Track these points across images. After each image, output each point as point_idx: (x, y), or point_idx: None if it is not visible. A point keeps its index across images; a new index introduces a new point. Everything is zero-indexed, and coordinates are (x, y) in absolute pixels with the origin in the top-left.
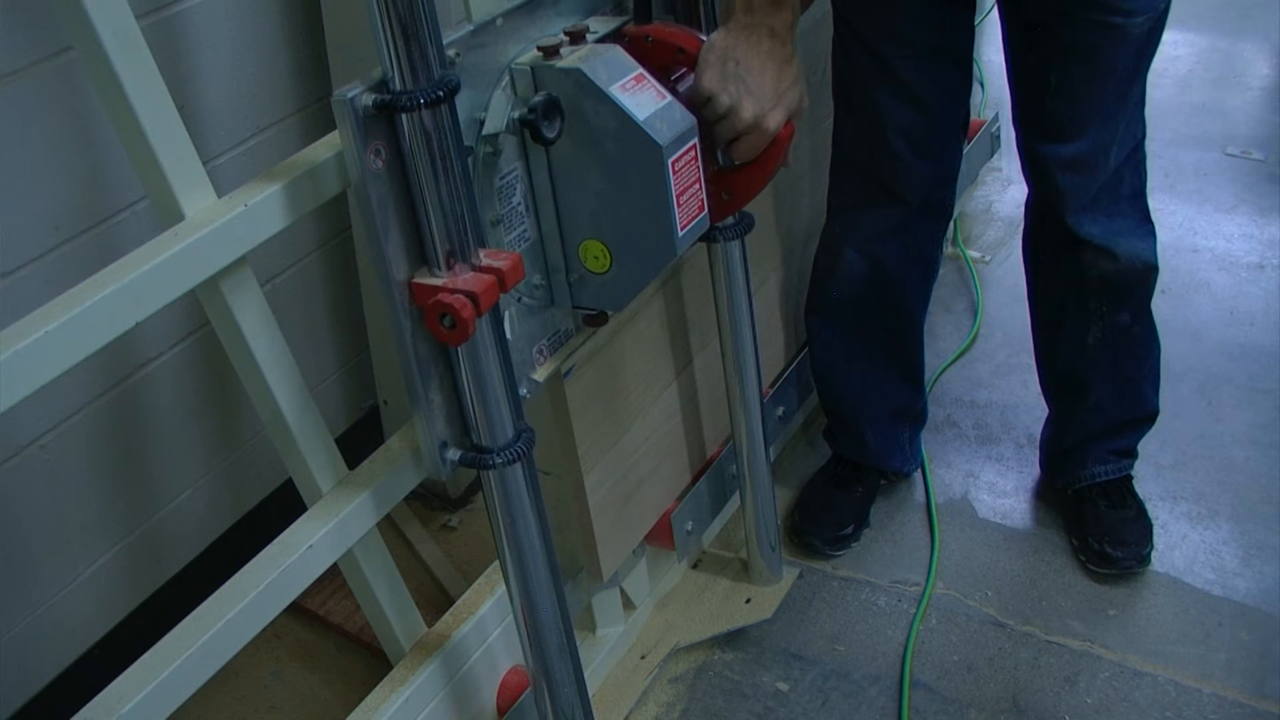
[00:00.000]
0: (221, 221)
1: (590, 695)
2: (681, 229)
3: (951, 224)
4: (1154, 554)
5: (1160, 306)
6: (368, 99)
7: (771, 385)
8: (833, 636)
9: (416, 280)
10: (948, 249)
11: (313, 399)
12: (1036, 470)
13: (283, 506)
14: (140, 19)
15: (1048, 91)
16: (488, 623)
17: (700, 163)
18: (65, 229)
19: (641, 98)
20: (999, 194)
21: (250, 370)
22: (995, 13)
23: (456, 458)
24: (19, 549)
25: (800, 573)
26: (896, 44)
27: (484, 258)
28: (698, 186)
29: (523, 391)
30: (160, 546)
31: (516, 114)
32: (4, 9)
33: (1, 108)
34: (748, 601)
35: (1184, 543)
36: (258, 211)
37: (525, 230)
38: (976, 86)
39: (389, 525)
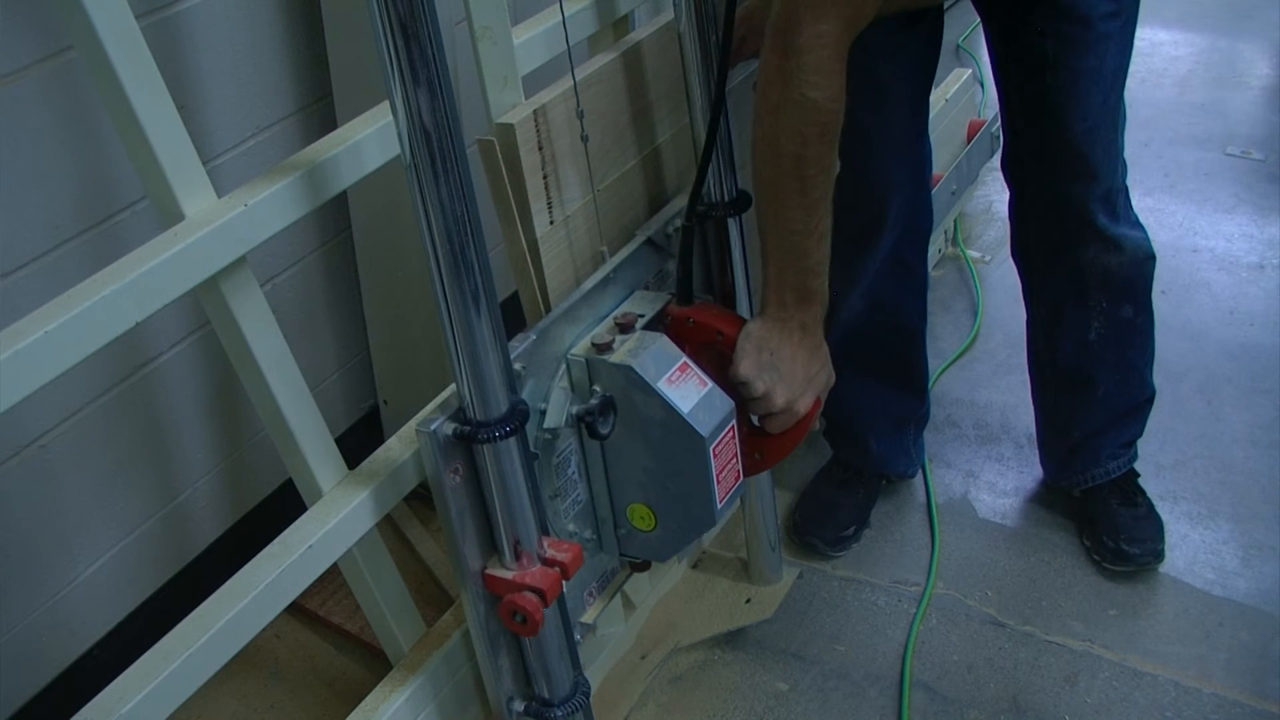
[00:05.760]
0: (221, 221)
1: (590, 695)
2: (720, 501)
3: (952, 225)
4: None
5: (1160, 306)
6: (448, 429)
7: None
8: (833, 636)
9: (489, 571)
10: (948, 249)
11: (313, 399)
12: (1037, 470)
13: (283, 506)
14: (140, 19)
15: (1047, 65)
16: None
17: (737, 435)
18: (65, 229)
19: (685, 389)
20: (999, 194)
21: (250, 370)
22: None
23: (521, 709)
24: (19, 548)
25: (800, 573)
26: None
27: (548, 548)
28: (735, 460)
29: (576, 637)
30: (160, 546)
31: (574, 409)
32: (4, 9)
33: (1, 108)
34: (748, 601)
35: (1184, 543)
36: (258, 211)
37: (579, 495)
38: (977, 86)
39: (389, 525)
